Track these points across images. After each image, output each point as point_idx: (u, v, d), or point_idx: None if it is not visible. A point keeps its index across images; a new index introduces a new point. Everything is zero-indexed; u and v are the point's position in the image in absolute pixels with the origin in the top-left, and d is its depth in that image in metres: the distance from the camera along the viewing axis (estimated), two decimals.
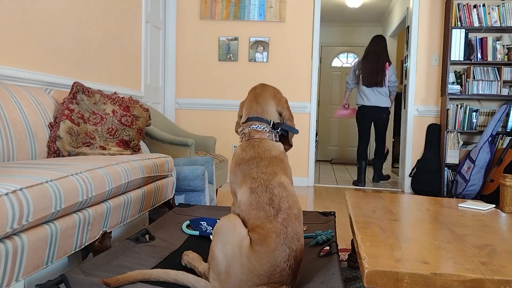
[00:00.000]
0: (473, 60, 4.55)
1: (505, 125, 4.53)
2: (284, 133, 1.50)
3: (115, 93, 2.61)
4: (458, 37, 4.53)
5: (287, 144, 1.52)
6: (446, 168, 4.65)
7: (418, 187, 4.75)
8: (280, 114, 1.50)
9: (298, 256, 1.28)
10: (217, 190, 3.69)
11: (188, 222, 1.96)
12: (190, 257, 1.45)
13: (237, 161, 1.41)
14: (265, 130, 1.44)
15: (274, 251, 1.22)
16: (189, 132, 4.16)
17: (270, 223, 1.26)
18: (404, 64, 6.04)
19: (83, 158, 2.01)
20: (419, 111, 4.88)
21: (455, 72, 4.72)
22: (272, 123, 1.46)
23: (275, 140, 1.45)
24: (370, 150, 8.56)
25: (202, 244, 1.73)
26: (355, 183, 5.42)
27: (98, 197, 1.64)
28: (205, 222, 1.93)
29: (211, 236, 1.81)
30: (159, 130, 3.38)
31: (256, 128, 1.44)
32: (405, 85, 5.50)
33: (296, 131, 1.50)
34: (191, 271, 1.40)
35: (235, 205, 1.39)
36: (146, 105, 2.90)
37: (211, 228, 1.87)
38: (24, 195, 1.22)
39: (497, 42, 4.55)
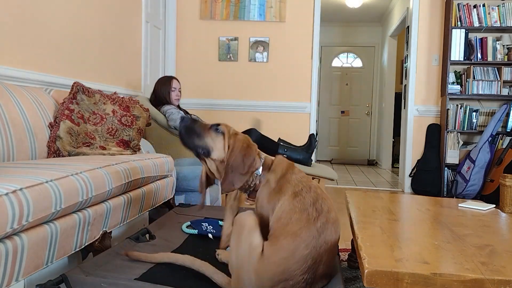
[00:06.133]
0: (473, 60, 4.55)
1: (505, 125, 4.53)
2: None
3: (115, 93, 2.61)
4: (458, 37, 4.53)
5: None
6: (446, 168, 4.65)
7: (418, 187, 4.75)
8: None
9: (321, 270, 1.22)
10: None
11: (188, 223, 1.96)
12: (224, 256, 1.52)
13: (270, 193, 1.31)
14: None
15: (292, 264, 1.17)
16: None
17: (307, 231, 1.19)
18: (404, 64, 6.04)
19: (83, 158, 2.01)
20: (419, 111, 4.88)
21: (455, 72, 4.72)
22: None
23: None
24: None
25: (202, 244, 1.73)
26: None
27: (98, 197, 1.64)
28: (206, 223, 1.93)
29: (210, 235, 1.81)
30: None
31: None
32: (405, 85, 5.50)
33: None
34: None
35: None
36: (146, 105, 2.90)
37: (212, 228, 1.87)
38: (24, 195, 1.22)
39: (497, 42, 4.55)
